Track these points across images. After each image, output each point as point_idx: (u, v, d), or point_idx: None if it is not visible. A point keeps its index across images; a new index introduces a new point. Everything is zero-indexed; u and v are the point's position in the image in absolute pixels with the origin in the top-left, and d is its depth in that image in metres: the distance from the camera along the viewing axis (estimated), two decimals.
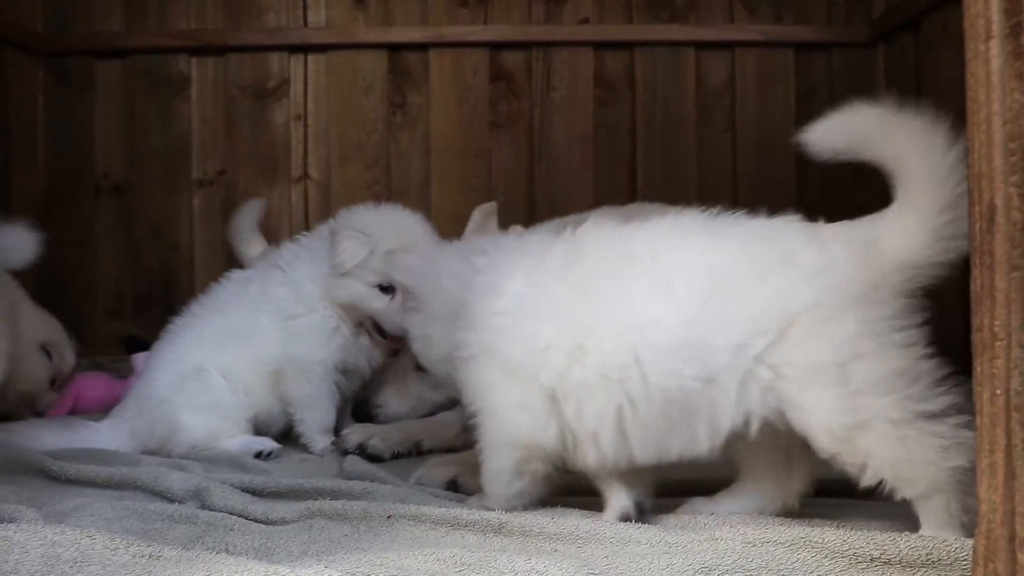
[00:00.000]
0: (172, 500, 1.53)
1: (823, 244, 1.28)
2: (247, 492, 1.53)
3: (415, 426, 2.11)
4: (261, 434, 2.09)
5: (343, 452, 1.97)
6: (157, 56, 3.42)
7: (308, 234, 2.28)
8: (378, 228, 2.06)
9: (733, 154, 3.47)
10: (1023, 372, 0.86)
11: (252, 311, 2.13)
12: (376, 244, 2.03)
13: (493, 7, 3.46)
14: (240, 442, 2.01)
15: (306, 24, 3.46)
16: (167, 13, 3.44)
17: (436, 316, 1.51)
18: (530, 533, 1.27)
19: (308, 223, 3.26)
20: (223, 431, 2.01)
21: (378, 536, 1.31)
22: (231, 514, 1.42)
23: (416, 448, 2.04)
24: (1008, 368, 0.87)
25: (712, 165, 3.45)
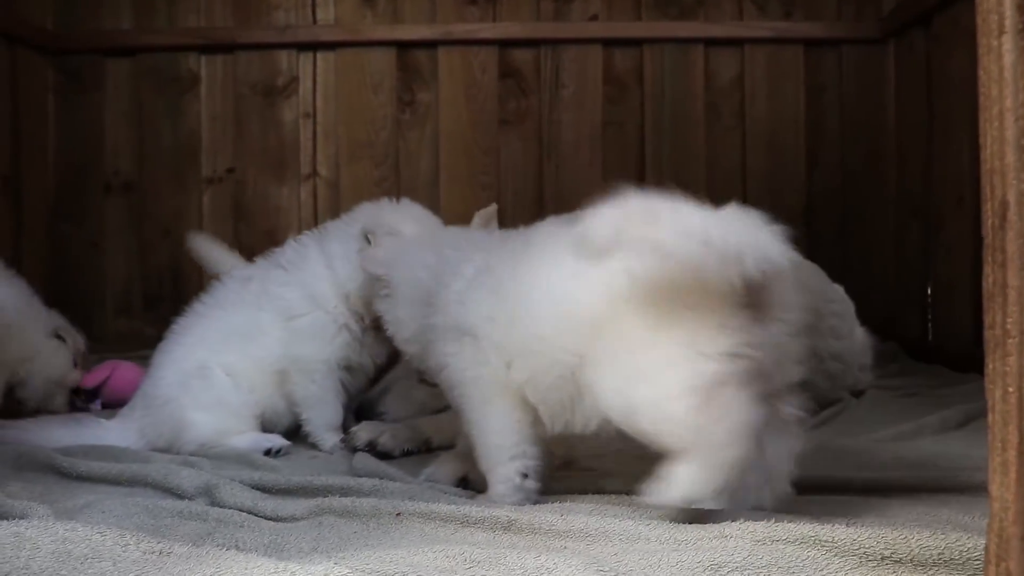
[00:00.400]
0: (182, 497, 1.53)
1: None
2: (257, 489, 1.53)
3: (424, 424, 2.11)
4: (268, 431, 2.09)
5: (352, 449, 1.98)
6: (166, 54, 3.43)
7: (310, 233, 2.27)
8: (404, 224, 2.08)
9: (742, 151, 3.47)
10: None
11: (253, 309, 2.13)
12: None
13: (502, 5, 3.46)
14: (249, 439, 2.01)
15: (315, 22, 3.47)
16: (176, 11, 3.45)
17: (405, 300, 1.67)
18: (539, 531, 1.27)
19: (317, 221, 3.26)
20: (231, 427, 2.02)
21: (388, 533, 1.31)
22: (241, 511, 1.42)
23: (425, 445, 2.04)
24: (1020, 365, 0.86)
25: (721, 162, 3.45)
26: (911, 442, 1.91)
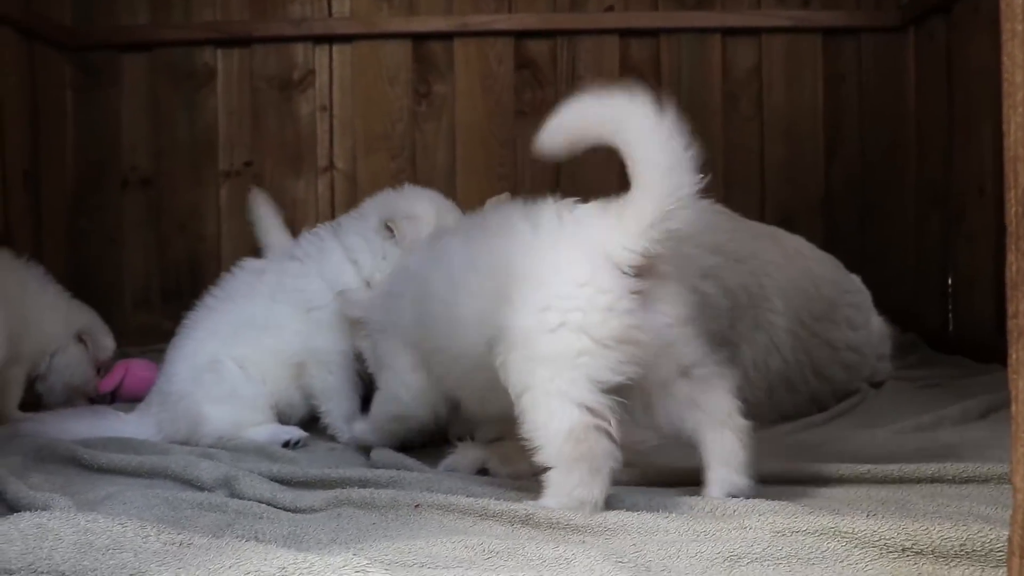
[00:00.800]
0: (202, 488, 1.54)
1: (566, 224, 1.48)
2: (275, 481, 1.54)
3: None
4: (283, 423, 2.10)
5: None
6: (183, 49, 3.43)
7: (325, 226, 2.28)
8: (417, 206, 2.13)
9: (760, 141, 3.44)
10: None
11: (268, 301, 2.13)
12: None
13: None
14: (268, 431, 2.02)
15: (331, 14, 3.47)
16: (192, 5, 3.45)
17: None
18: (557, 525, 1.27)
19: (334, 213, 3.26)
20: (246, 419, 2.03)
21: (406, 524, 1.32)
22: (260, 502, 1.43)
23: (444, 436, 2.04)
24: None
25: (739, 152, 3.43)
26: (932, 433, 1.90)
